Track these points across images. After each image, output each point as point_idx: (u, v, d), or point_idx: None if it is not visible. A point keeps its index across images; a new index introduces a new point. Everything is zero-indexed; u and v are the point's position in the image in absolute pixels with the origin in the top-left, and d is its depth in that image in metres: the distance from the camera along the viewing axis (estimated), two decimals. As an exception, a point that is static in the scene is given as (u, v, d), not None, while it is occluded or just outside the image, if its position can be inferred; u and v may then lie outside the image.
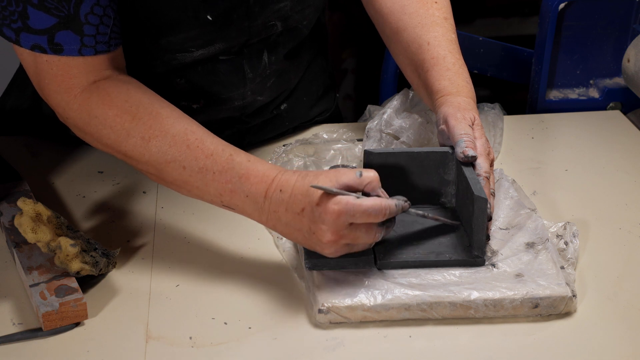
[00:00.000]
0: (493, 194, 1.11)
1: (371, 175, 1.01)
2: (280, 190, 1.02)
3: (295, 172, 1.03)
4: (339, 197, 0.98)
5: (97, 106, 1.08)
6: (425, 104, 1.26)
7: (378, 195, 1.01)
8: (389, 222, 1.03)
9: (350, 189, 1.00)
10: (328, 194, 0.99)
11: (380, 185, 1.02)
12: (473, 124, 1.13)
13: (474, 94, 1.19)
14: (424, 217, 1.08)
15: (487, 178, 1.10)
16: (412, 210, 1.05)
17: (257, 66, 1.27)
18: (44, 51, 1.07)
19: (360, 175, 1.00)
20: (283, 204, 1.02)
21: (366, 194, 1.01)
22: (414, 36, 1.24)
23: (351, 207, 0.98)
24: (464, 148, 1.10)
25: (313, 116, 1.45)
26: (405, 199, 1.03)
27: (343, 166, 1.29)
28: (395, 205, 1.01)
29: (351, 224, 0.99)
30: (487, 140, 1.14)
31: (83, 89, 1.09)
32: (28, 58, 1.09)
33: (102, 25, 1.08)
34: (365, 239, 1.01)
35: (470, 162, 1.10)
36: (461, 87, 1.18)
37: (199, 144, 1.06)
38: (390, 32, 1.27)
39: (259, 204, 1.03)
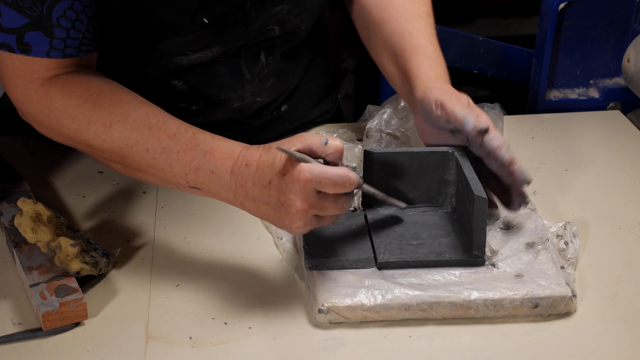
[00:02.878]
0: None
1: (336, 144, 1.00)
2: (246, 165, 1.01)
3: (260, 146, 1.02)
4: (305, 165, 0.97)
5: (57, 97, 1.08)
6: (399, 93, 1.25)
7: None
8: (351, 194, 1.02)
9: (313, 154, 0.99)
10: (293, 163, 0.98)
11: (343, 157, 1.01)
12: (469, 105, 1.13)
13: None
14: (373, 195, 1.08)
15: (508, 146, 1.09)
16: (365, 186, 1.05)
17: (255, 67, 1.27)
18: (11, 50, 1.06)
19: (326, 143, 0.99)
20: (250, 178, 1.01)
21: (328, 164, 1.00)
22: (397, 27, 1.24)
23: (317, 174, 0.97)
24: (475, 123, 1.09)
25: (314, 117, 1.45)
26: (359, 174, 1.02)
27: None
28: (359, 177, 1.01)
29: (319, 192, 0.99)
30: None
31: (43, 82, 1.08)
32: None
33: (73, 29, 1.07)
34: (334, 209, 1.00)
35: (484, 134, 1.08)
36: (441, 75, 1.18)
37: (161, 125, 1.05)
38: (373, 25, 1.27)
39: (225, 180, 1.02)
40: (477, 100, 1.37)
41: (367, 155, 1.14)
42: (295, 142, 1.00)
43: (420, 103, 1.14)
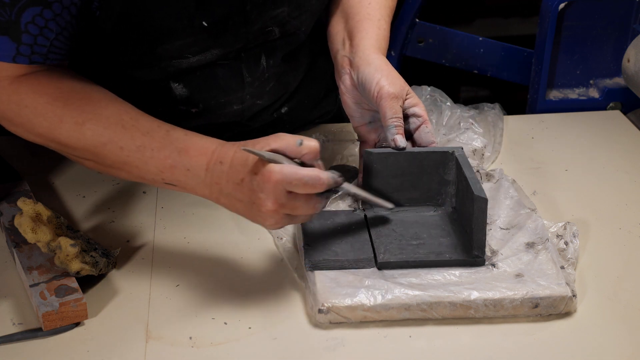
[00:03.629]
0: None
1: (311, 144, 1.00)
2: (221, 162, 1.02)
3: (235, 143, 1.03)
4: (276, 165, 0.97)
5: (27, 95, 1.07)
6: (332, 50, 1.27)
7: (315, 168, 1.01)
8: (327, 193, 1.02)
9: (288, 155, 1.00)
10: (264, 162, 0.98)
11: (319, 157, 1.01)
12: (407, 95, 1.15)
13: None
14: (354, 196, 1.08)
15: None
16: (345, 186, 1.04)
17: (256, 70, 1.27)
18: None
19: (300, 143, 1.00)
20: (224, 175, 1.02)
21: (304, 165, 1.01)
22: None
23: (287, 175, 0.97)
24: (395, 136, 1.12)
25: (314, 118, 1.45)
26: (339, 174, 1.02)
27: (341, 166, 1.29)
28: (331, 177, 1.01)
29: (290, 192, 0.99)
30: (421, 102, 1.17)
31: (12, 81, 1.08)
32: None
33: (41, 36, 1.06)
34: (305, 209, 1.01)
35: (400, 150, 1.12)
36: (384, 51, 1.21)
37: (134, 122, 1.06)
38: None
39: (201, 178, 1.03)
40: (477, 100, 1.38)
41: (367, 155, 1.14)
42: (270, 142, 1.00)
43: (361, 73, 1.16)
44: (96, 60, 1.21)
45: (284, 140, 1.00)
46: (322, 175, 0.99)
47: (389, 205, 1.12)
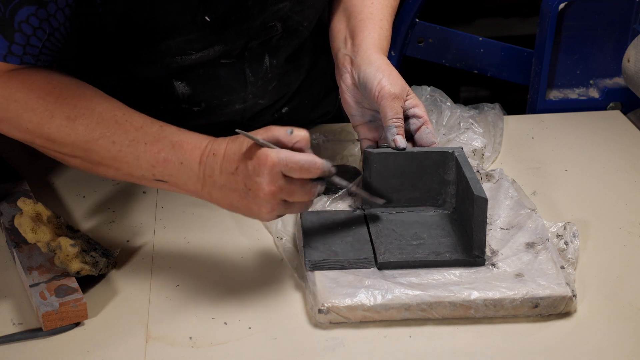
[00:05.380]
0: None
1: (301, 134, 1.02)
2: (214, 154, 1.02)
3: (227, 137, 1.04)
4: (272, 150, 0.99)
5: (17, 90, 1.06)
6: (333, 48, 1.27)
7: None
8: (321, 181, 1.03)
9: (279, 145, 1.01)
10: (259, 148, 0.99)
11: (309, 146, 1.02)
12: (407, 95, 1.16)
13: None
14: (346, 188, 1.09)
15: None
16: (337, 179, 1.05)
17: (259, 70, 1.27)
18: None
19: (291, 132, 1.01)
20: (217, 166, 1.02)
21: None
22: None
23: (283, 157, 0.99)
24: (395, 136, 1.12)
25: (314, 118, 1.45)
26: (332, 163, 1.03)
27: (341, 166, 1.29)
28: (326, 163, 1.02)
29: (286, 176, 1.00)
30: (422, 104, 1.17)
31: (1, 74, 1.07)
32: None
33: (34, 37, 1.06)
34: (301, 195, 1.01)
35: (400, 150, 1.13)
36: (385, 50, 1.21)
37: (127, 118, 1.06)
38: None
39: (194, 171, 1.03)
40: (477, 100, 1.37)
41: (367, 155, 1.14)
42: (261, 133, 1.01)
43: (363, 72, 1.17)
44: (99, 57, 1.21)
45: (275, 130, 1.01)
46: (317, 160, 1.01)
47: (380, 201, 1.13)
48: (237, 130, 1.00)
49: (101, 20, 1.13)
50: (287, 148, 1.01)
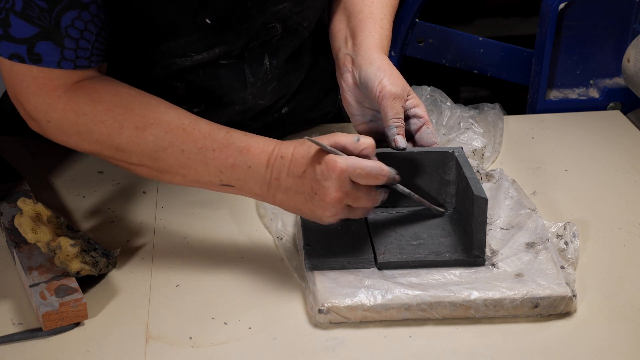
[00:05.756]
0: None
1: (368, 141, 1.03)
2: (282, 157, 1.04)
3: (294, 140, 1.05)
4: (339, 156, 1.01)
5: (85, 103, 1.07)
6: (333, 48, 1.27)
7: None
8: (386, 188, 1.05)
9: (345, 152, 1.02)
10: (327, 154, 1.01)
11: (375, 152, 1.04)
12: (408, 95, 1.16)
13: None
14: (409, 195, 1.09)
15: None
16: (400, 185, 1.07)
17: (259, 71, 1.27)
18: (22, 60, 1.05)
19: (358, 140, 1.03)
20: (284, 169, 1.03)
21: None
22: None
23: (352, 164, 1.00)
24: (395, 136, 1.12)
25: (314, 118, 1.45)
26: (397, 171, 1.06)
27: None
28: (392, 171, 1.04)
29: (353, 182, 1.01)
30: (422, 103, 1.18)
31: (67, 89, 1.08)
32: (5, 62, 1.07)
33: (82, 39, 1.07)
34: (366, 201, 1.03)
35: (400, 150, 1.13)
36: (386, 49, 1.22)
37: (195, 126, 1.07)
38: None
39: (261, 174, 1.05)
40: (477, 100, 1.37)
41: (367, 155, 1.14)
42: (329, 138, 1.03)
43: (364, 71, 1.17)
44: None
45: (342, 138, 1.03)
46: (384, 167, 1.03)
47: (440, 210, 1.15)
48: (306, 137, 1.01)
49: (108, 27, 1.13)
50: (354, 155, 1.03)
